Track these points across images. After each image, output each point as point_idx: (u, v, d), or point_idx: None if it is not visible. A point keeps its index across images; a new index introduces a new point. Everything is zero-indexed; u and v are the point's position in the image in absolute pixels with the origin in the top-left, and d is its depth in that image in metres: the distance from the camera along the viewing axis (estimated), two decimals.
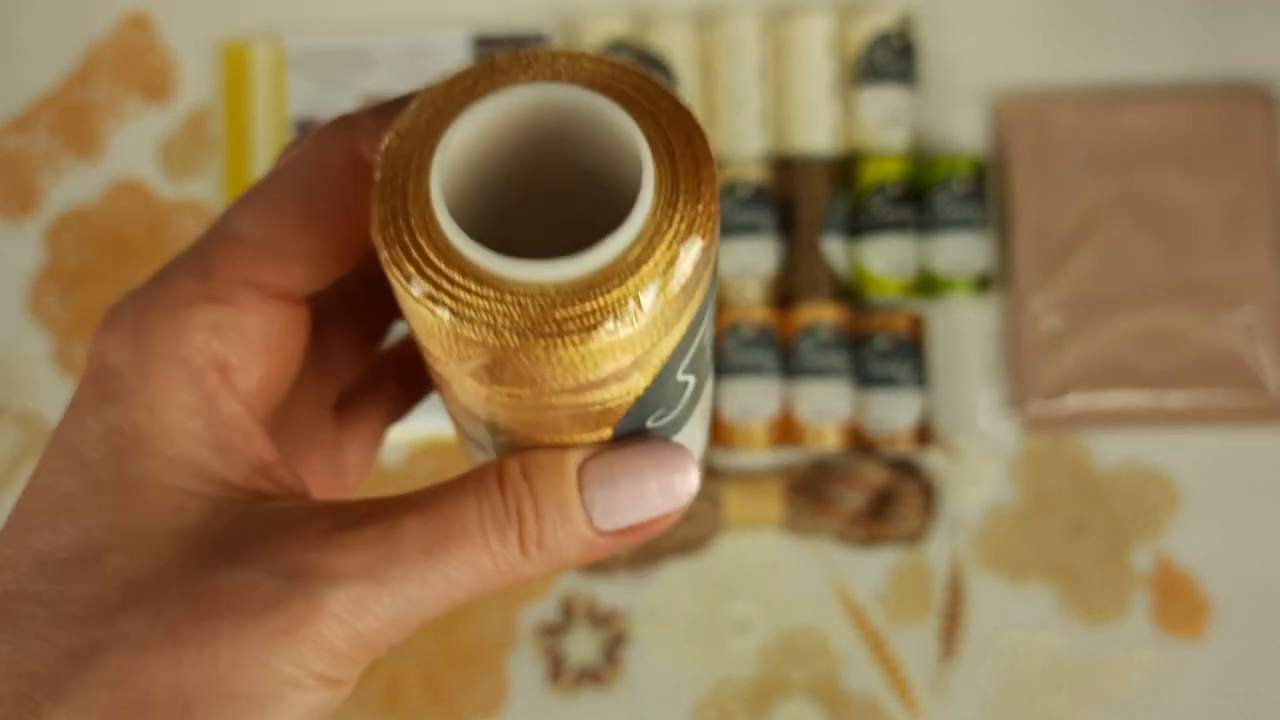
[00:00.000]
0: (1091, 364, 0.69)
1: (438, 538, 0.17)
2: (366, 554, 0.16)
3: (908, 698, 0.68)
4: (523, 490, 0.18)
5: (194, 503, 0.17)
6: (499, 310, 0.15)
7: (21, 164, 0.76)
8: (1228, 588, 0.68)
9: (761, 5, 0.73)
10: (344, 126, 0.19)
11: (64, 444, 0.18)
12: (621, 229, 0.16)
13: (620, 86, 0.17)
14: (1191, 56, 0.72)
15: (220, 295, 0.18)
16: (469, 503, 0.17)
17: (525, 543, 0.17)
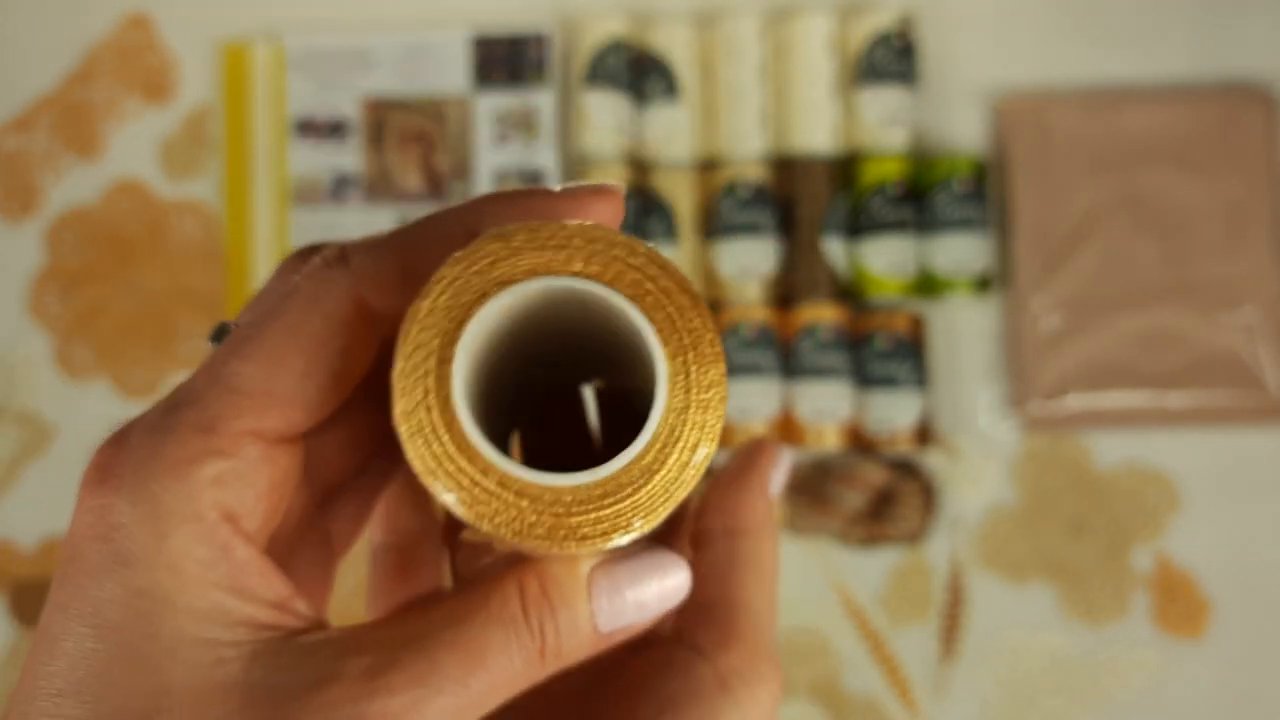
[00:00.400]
0: (1091, 364, 0.69)
1: (472, 668, 0.18)
2: (409, 694, 0.17)
3: (908, 697, 0.68)
4: (545, 612, 0.19)
5: (231, 652, 0.18)
6: (517, 510, 0.17)
7: (21, 164, 0.75)
8: (1228, 588, 0.68)
9: (761, 5, 0.73)
10: (344, 271, 0.19)
11: (83, 608, 0.17)
12: (634, 444, 0.17)
13: (635, 275, 0.18)
14: (1191, 57, 0.72)
15: (225, 449, 0.18)
16: (496, 634, 0.19)
17: (546, 658, 0.19)
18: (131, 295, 0.74)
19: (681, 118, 0.70)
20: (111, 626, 0.17)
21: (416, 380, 0.17)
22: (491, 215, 0.19)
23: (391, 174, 0.73)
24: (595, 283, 0.18)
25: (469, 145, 0.72)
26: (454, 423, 0.17)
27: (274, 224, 0.73)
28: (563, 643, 0.19)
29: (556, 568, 0.20)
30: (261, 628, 0.18)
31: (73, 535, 0.18)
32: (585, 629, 0.20)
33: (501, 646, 0.19)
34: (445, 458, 0.17)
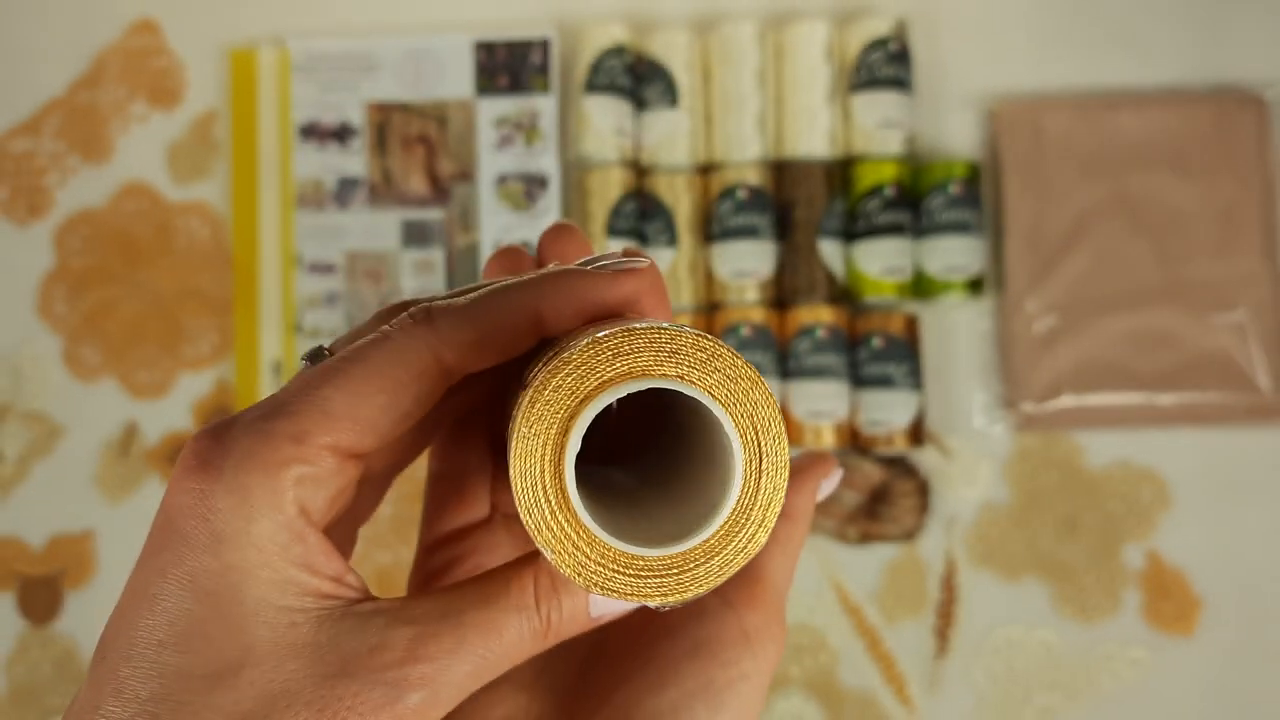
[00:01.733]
0: (1084, 364, 0.70)
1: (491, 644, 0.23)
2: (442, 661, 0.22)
3: (903, 693, 0.69)
4: (553, 602, 0.24)
5: (301, 617, 0.22)
6: (602, 573, 0.22)
7: (30, 167, 0.76)
8: (1218, 585, 0.69)
9: (759, 11, 0.74)
10: (429, 329, 0.23)
11: (182, 575, 0.22)
12: (707, 527, 0.21)
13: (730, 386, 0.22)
14: (1183, 60, 0.73)
15: (309, 458, 0.22)
16: (512, 617, 0.23)
17: (548, 637, 0.24)
18: (139, 297, 0.75)
19: (681, 122, 0.71)
20: (207, 591, 0.21)
21: (535, 451, 0.21)
22: (552, 296, 0.24)
23: (395, 177, 0.74)
24: (691, 386, 0.22)
25: (471, 149, 0.73)
26: (564, 495, 0.21)
27: (279, 226, 0.74)
28: (563, 626, 0.24)
29: None
30: (325, 597, 0.22)
31: (170, 510, 0.22)
32: (581, 616, 0.24)
33: (515, 627, 0.23)
34: (552, 520, 0.21)
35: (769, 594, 0.27)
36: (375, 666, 0.21)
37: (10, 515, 0.74)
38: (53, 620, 0.73)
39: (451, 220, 0.73)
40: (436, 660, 0.22)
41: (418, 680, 0.21)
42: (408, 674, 0.21)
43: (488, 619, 0.23)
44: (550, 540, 0.21)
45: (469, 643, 0.22)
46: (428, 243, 0.73)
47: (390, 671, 0.21)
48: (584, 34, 0.72)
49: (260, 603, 0.21)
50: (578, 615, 0.24)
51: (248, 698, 0.21)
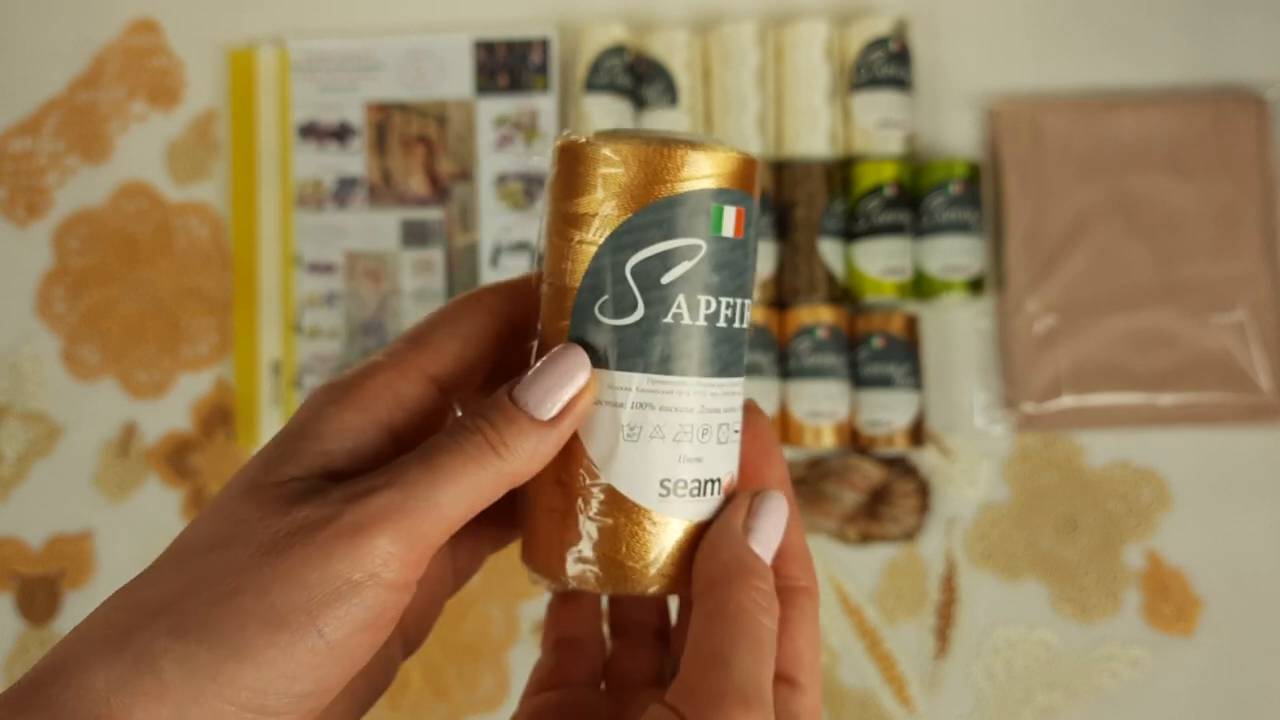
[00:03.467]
0: (1084, 365, 0.70)
1: (435, 461, 0.24)
2: (397, 476, 0.24)
3: (903, 693, 0.69)
4: (476, 414, 0.26)
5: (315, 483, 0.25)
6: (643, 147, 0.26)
7: (29, 166, 0.76)
8: (1218, 585, 0.69)
9: (759, 11, 0.74)
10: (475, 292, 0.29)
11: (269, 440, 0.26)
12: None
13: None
14: (1182, 61, 0.73)
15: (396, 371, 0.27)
16: (446, 436, 0.25)
17: (494, 445, 0.25)
18: (138, 296, 0.75)
19: (681, 122, 0.71)
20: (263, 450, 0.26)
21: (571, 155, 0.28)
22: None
23: (395, 177, 0.74)
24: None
25: (471, 149, 0.73)
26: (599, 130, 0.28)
27: (279, 226, 0.74)
28: (501, 431, 0.25)
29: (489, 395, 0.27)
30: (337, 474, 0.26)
31: None
32: (518, 418, 0.26)
33: (449, 446, 0.25)
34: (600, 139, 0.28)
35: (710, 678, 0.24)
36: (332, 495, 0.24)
37: (9, 515, 0.74)
38: (52, 620, 0.73)
39: (451, 220, 0.73)
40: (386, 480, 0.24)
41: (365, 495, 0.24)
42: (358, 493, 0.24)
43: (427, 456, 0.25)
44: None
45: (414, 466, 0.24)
46: (427, 242, 0.73)
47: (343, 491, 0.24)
48: (584, 33, 0.72)
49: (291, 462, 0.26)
50: (512, 416, 0.25)
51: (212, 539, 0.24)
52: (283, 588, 0.22)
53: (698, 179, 0.26)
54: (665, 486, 0.27)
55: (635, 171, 0.26)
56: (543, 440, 0.26)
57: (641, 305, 0.26)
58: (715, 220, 0.26)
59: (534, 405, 0.26)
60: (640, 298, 0.26)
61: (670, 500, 0.27)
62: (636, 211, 0.26)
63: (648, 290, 0.26)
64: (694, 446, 0.27)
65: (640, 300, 0.26)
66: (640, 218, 0.26)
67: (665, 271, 0.26)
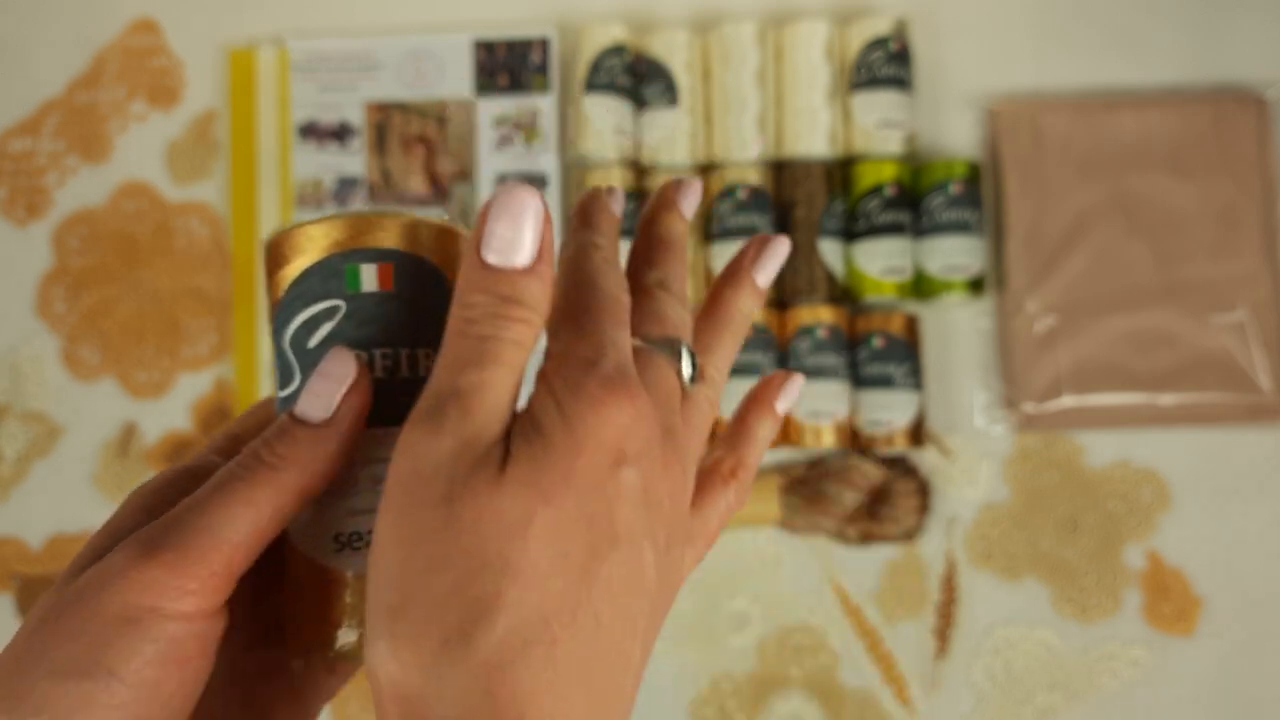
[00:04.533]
0: (1084, 364, 0.70)
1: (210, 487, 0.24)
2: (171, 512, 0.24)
3: (903, 693, 0.69)
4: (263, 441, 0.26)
5: None
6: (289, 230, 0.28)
7: (29, 166, 0.76)
8: (1218, 585, 0.69)
9: (759, 11, 0.74)
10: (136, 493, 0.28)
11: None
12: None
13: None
14: (1182, 61, 0.73)
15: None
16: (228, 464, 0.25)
17: (265, 458, 0.25)
18: (138, 296, 0.75)
19: (681, 122, 0.71)
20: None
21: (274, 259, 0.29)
22: None
23: (395, 177, 0.74)
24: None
25: (471, 149, 0.73)
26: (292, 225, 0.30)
27: (279, 226, 0.74)
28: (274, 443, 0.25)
29: None
30: None
31: None
32: (289, 424, 0.25)
33: (230, 468, 0.25)
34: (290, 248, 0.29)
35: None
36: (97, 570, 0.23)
37: (9, 515, 0.74)
38: None
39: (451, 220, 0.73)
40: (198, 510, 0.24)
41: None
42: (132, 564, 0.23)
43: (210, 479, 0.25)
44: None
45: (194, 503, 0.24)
46: None
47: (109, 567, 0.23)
48: (584, 33, 0.72)
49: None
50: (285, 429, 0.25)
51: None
52: (66, 641, 0.22)
53: (325, 249, 0.27)
54: (339, 541, 0.26)
55: (274, 258, 0.28)
56: (320, 442, 0.25)
57: (298, 372, 0.27)
58: (351, 279, 0.27)
59: (306, 410, 0.25)
60: (295, 366, 0.27)
61: (346, 554, 0.26)
62: (283, 291, 0.27)
63: (302, 357, 0.27)
64: (362, 498, 0.26)
65: (296, 367, 0.27)
66: (286, 295, 0.27)
67: (310, 336, 0.27)
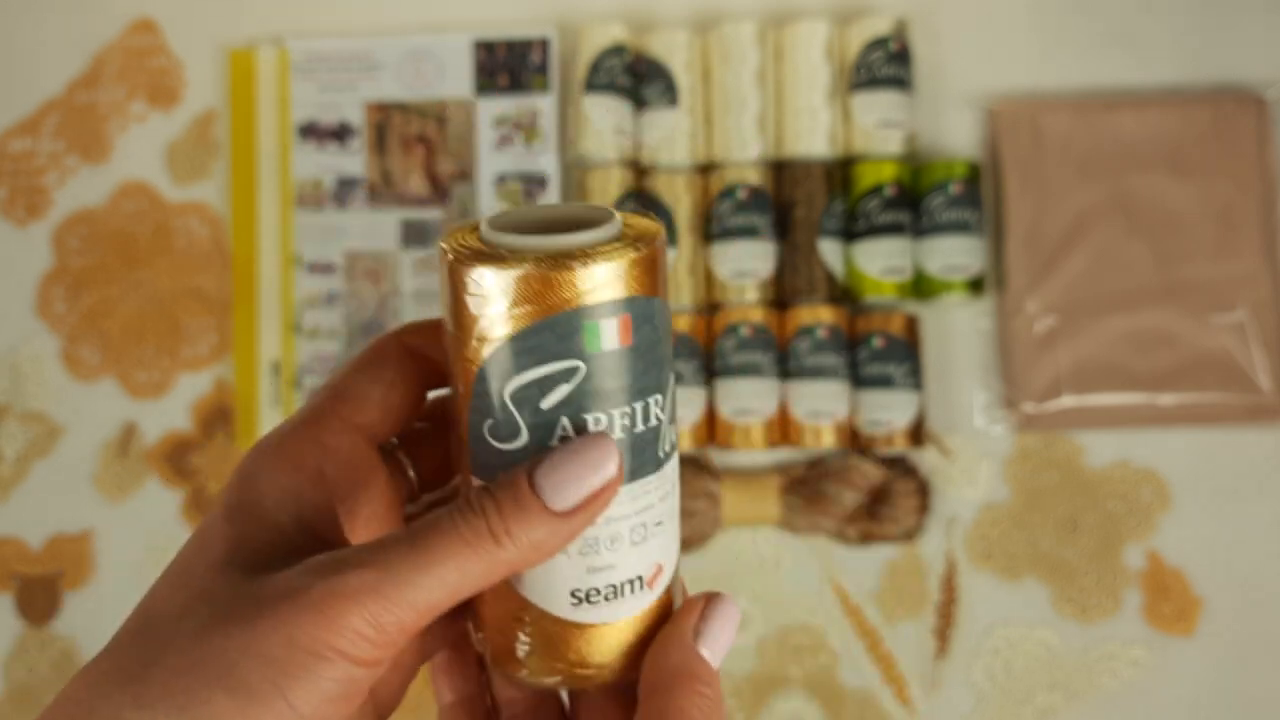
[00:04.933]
0: (1084, 365, 0.70)
1: (423, 543, 0.23)
2: (378, 554, 0.23)
3: (903, 693, 0.69)
4: (485, 495, 0.24)
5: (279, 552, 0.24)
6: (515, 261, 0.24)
7: (28, 166, 0.76)
8: (1218, 585, 0.69)
9: (759, 11, 0.74)
10: (395, 331, 0.29)
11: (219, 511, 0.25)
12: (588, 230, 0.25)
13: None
14: (1182, 60, 0.73)
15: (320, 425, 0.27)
16: (444, 515, 0.23)
17: (496, 533, 0.23)
18: (138, 296, 0.75)
19: (680, 122, 0.71)
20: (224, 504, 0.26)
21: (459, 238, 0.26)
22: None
23: (394, 177, 0.74)
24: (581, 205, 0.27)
25: (471, 149, 0.73)
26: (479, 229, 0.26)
27: (279, 226, 0.74)
28: (508, 518, 0.23)
29: (500, 475, 0.25)
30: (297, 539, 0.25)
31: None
32: (531, 505, 0.23)
33: (450, 526, 0.23)
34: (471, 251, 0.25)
35: None
36: (309, 565, 0.23)
37: (9, 515, 0.74)
38: (51, 620, 0.73)
39: (451, 220, 0.73)
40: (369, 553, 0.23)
41: (343, 568, 0.22)
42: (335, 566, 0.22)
43: (417, 527, 0.23)
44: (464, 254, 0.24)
45: (403, 543, 0.23)
46: (427, 242, 0.73)
47: (320, 565, 0.23)
48: (584, 33, 0.72)
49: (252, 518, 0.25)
50: (526, 503, 0.23)
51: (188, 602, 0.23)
52: (249, 659, 0.22)
53: (565, 302, 0.24)
54: (576, 596, 0.26)
55: (496, 299, 0.24)
56: (553, 533, 0.24)
57: (525, 431, 0.24)
58: (591, 338, 0.24)
59: (551, 493, 0.23)
60: (522, 424, 0.24)
61: (584, 608, 0.26)
62: (505, 340, 0.24)
63: (529, 416, 0.24)
64: (602, 556, 0.26)
65: (523, 426, 0.24)
66: (509, 346, 0.24)
67: (544, 396, 0.24)
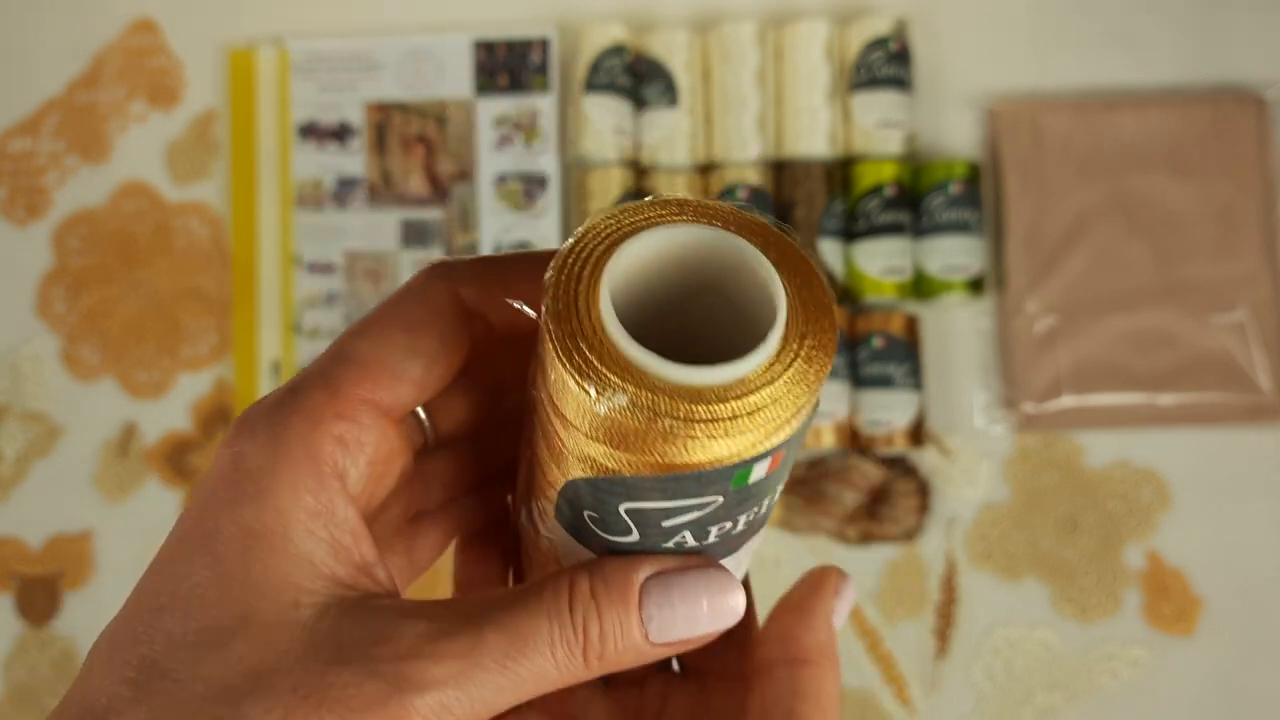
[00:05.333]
0: (1084, 365, 0.70)
1: (514, 653, 0.20)
2: (453, 664, 0.20)
3: (903, 693, 0.69)
4: (590, 611, 0.21)
5: (308, 598, 0.20)
6: (647, 401, 0.18)
7: (29, 166, 0.76)
8: (1218, 585, 0.69)
9: (759, 11, 0.74)
10: (446, 273, 0.23)
11: (197, 537, 0.20)
12: (751, 354, 0.19)
13: (753, 231, 0.21)
14: (1182, 61, 0.73)
15: (346, 412, 0.21)
16: (541, 623, 0.20)
17: (589, 657, 0.21)
18: (138, 296, 0.75)
19: (680, 122, 0.71)
20: (218, 556, 0.20)
21: (567, 306, 0.19)
22: None
23: (394, 177, 0.74)
24: (726, 229, 0.20)
25: (471, 149, 0.73)
26: (604, 334, 0.19)
27: (279, 226, 0.74)
28: (607, 645, 0.21)
29: (610, 568, 0.21)
30: (341, 584, 0.20)
31: (208, 473, 0.21)
32: (634, 635, 0.21)
33: (545, 636, 0.20)
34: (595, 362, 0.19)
35: None
36: (375, 657, 0.19)
37: (9, 515, 0.74)
38: (51, 620, 0.73)
39: (451, 220, 0.73)
40: (446, 662, 0.19)
41: (421, 679, 0.19)
42: (411, 670, 0.19)
43: (512, 622, 0.20)
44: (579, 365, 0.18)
45: (488, 647, 0.20)
46: (427, 242, 0.73)
47: (391, 664, 0.19)
48: (584, 33, 0.72)
49: (268, 575, 0.20)
50: (629, 634, 0.21)
51: (233, 671, 0.19)
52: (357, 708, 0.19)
53: (716, 461, 0.19)
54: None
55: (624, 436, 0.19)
56: (641, 656, 0.21)
57: (636, 533, 0.21)
58: (740, 479, 0.20)
59: (658, 629, 0.21)
60: (635, 527, 0.21)
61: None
62: (632, 468, 0.19)
63: (646, 525, 0.21)
64: None
65: (635, 530, 0.21)
66: (635, 479, 0.20)
67: (667, 518, 0.21)
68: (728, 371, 0.19)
